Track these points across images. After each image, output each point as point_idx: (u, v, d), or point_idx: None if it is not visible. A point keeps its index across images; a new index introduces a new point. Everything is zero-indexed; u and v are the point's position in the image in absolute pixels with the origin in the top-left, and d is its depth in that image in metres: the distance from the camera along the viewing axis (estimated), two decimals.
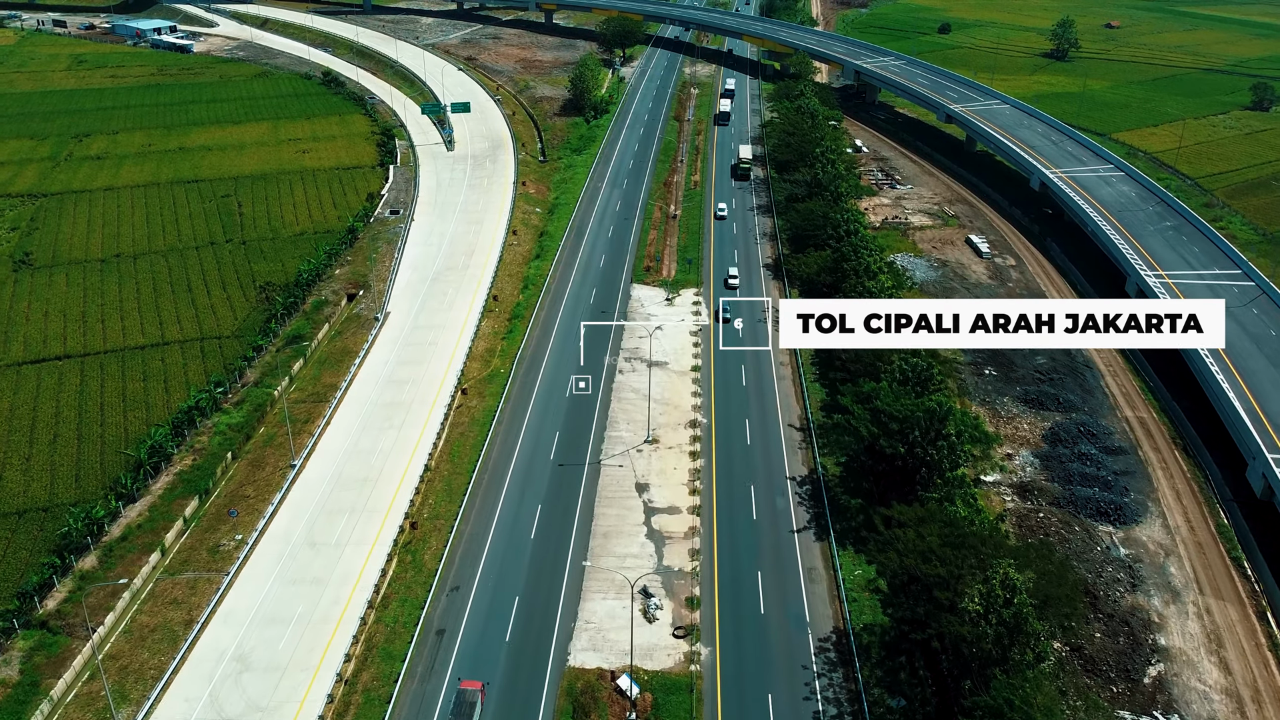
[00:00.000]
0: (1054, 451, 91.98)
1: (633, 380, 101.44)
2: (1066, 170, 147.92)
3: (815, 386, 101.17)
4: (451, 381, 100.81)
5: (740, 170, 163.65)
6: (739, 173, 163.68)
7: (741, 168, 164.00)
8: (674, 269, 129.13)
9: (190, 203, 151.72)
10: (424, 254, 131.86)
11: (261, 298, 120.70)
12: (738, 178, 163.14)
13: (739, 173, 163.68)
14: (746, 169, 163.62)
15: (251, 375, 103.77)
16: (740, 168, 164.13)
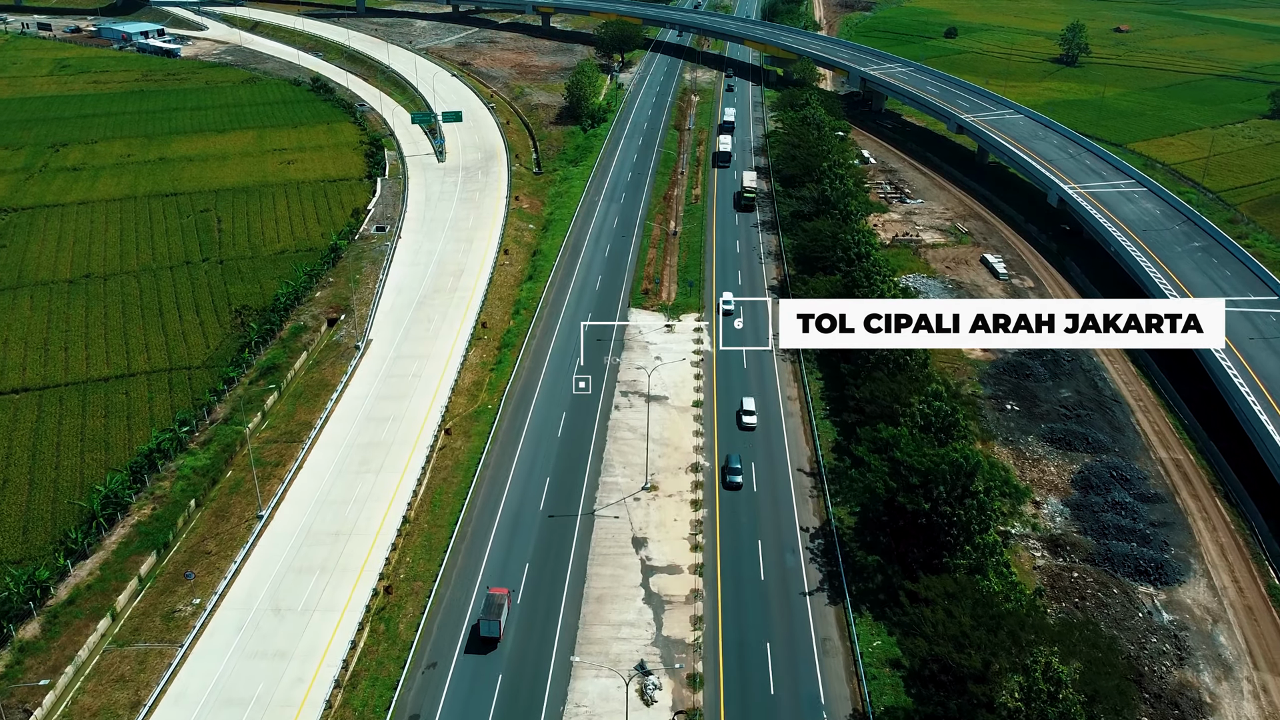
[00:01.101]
0: (1085, 499, 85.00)
1: (630, 417, 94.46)
2: (1086, 186, 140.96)
3: (826, 425, 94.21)
4: (435, 418, 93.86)
5: (744, 200, 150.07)
6: (742, 203, 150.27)
7: (745, 198, 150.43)
8: (674, 292, 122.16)
9: (167, 218, 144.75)
10: (410, 275, 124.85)
11: (237, 322, 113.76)
12: (741, 208, 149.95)
13: (742, 203, 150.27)
14: (750, 199, 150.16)
15: (221, 411, 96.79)
16: (744, 197, 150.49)
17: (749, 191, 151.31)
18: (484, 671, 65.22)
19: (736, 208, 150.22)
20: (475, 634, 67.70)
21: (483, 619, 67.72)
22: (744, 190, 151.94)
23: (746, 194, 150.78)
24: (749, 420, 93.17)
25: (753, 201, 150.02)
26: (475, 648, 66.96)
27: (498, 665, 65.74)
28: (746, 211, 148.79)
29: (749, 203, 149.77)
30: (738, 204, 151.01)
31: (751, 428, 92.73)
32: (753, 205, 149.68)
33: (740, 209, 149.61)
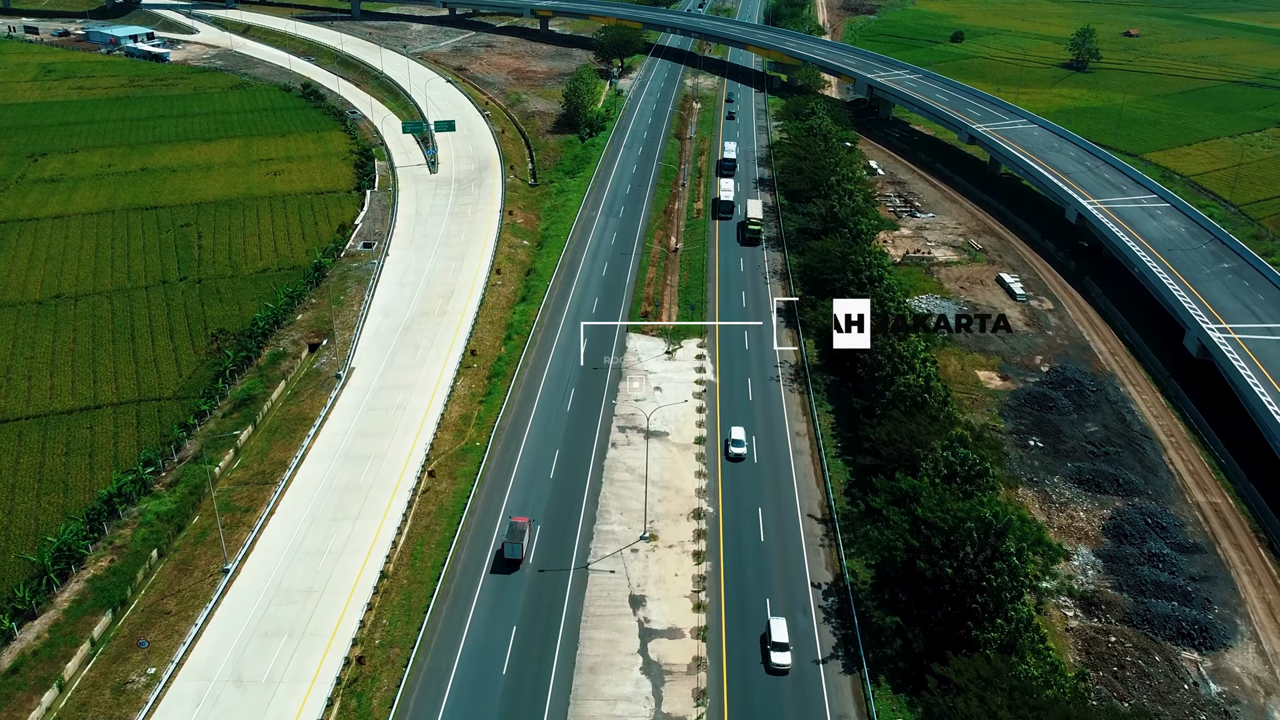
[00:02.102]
0: (1118, 550, 78.71)
1: (628, 456, 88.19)
2: (1106, 201, 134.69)
3: (838, 464, 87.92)
4: (419, 457, 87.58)
5: (749, 233, 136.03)
6: (747, 235, 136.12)
7: (750, 230, 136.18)
8: (675, 315, 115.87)
9: (146, 233, 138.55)
10: (397, 296, 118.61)
11: (212, 348, 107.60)
12: (746, 241, 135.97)
13: (747, 235, 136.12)
14: (756, 232, 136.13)
15: (191, 448, 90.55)
16: (749, 230, 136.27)
17: (754, 223, 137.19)
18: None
19: (740, 241, 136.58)
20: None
21: (506, 542, 74.36)
22: (749, 222, 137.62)
23: (752, 226, 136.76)
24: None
25: (759, 235, 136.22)
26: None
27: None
28: (751, 245, 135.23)
29: (754, 236, 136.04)
30: (741, 237, 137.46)
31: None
32: (759, 238, 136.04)
33: (745, 243, 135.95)
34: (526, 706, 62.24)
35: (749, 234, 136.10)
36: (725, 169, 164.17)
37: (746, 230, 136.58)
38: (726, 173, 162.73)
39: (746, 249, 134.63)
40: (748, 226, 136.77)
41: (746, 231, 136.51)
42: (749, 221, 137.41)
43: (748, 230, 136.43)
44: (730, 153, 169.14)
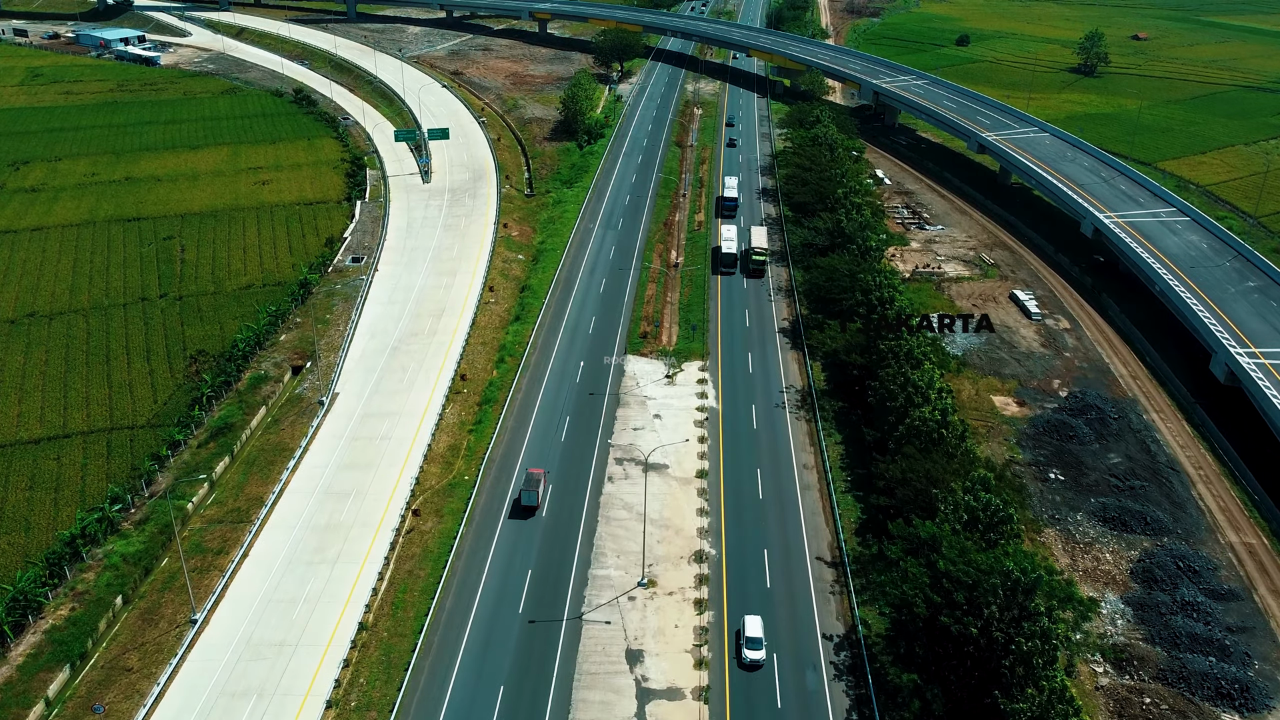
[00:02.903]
0: (1149, 597, 73.69)
1: (625, 492, 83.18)
2: (1123, 214, 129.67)
3: (848, 500, 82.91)
4: (404, 493, 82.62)
5: (754, 264, 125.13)
6: (752, 266, 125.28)
7: (755, 260, 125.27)
8: (675, 335, 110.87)
9: (127, 246, 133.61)
10: (385, 315, 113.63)
11: (191, 370, 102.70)
12: (750, 273, 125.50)
13: (752, 266, 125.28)
14: (761, 262, 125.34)
15: (163, 481, 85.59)
16: (754, 260, 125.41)
17: (759, 253, 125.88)
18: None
19: (745, 273, 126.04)
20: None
21: (523, 490, 79.30)
22: (753, 251, 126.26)
23: (756, 256, 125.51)
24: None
25: (764, 265, 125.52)
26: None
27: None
28: (756, 278, 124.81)
29: (759, 266, 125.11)
30: (745, 268, 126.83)
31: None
32: (764, 269, 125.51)
33: (750, 274, 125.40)
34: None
35: (754, 264, 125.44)
36: (727, 210, 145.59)
37: (751, 260, 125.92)
38: (728, 213, 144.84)
39: (753, 280, 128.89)
40: (752, 256, 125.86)
41: (751, 261, 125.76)
42: (753, 251, 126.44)
43: (752, 260, 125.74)
44: (732, 189, 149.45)
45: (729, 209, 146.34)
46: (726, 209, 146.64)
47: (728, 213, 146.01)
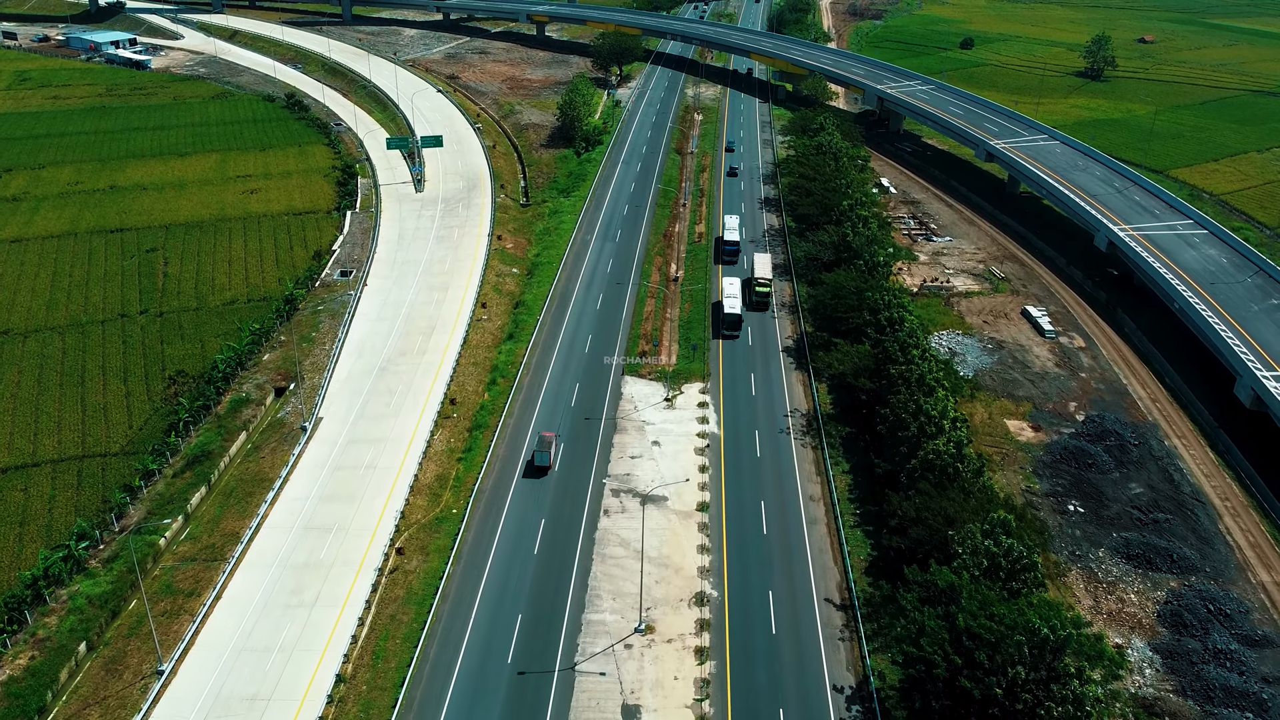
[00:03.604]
0: (1178, 644, 69.29)
1: (621, 526, 78.78)
2: (1139, 227, 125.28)
3: (857, 535, 78.53)
4: (388, 527, 78.25)
5: (757, 296, 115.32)
6: (754, 299, 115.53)
7: (759, 292, 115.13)
8: (675, 354, 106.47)
9: (108, 259, 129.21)
10: (373, 333, 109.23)
11: (169, 393, 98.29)
12: (754, 306, 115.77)
13: (754, 299, 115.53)
14: (765, 294, 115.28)
15: (135, 514, 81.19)
16: (757, 292, 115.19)
17: (763, 284, 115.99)
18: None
19: (748, 305, 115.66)
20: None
21: (536, 451, 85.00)
22: (756, 283, 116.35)
23: (760, 288, 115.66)
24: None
25: (768, 297, 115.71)
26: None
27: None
28: (760, 310, 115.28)
29: (763, 299, 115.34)
30: (749, 300, 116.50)
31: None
32: (768, 302, 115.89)
33: (753, 307, 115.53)
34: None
35: (757, 297, 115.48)
36: (728, 255, 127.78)
37: (754, 292, 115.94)
38: (729, 259, 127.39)
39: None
40: (756, 288, 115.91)
41: (754, 294, 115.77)
42: (757, 282, 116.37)
43: (755, 292, 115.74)
44: (733, 230, 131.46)
45: (730, 254, 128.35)
46: (728, 254, 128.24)
47: (729, 258, 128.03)
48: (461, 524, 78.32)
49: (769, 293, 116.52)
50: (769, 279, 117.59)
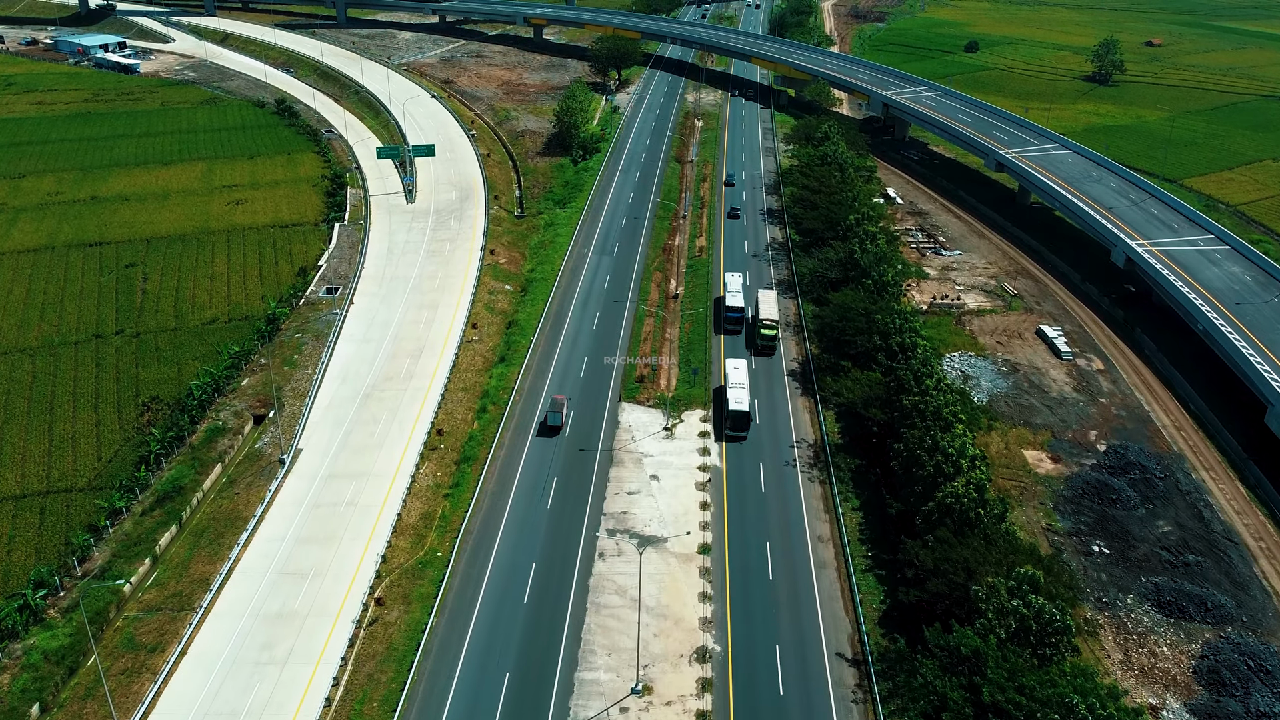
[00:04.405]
0: (1217, 705, 64.34)
1: (617, 571, 73.79)
2: (1157, 242, 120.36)
3: (869, 581, 73.55)
4: (369, 570, 73.26)
5: (762, 340, 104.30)
6: (760, 343, 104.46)
7: (764, 335, 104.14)
8: (675, 379, 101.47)
9: (85, 275, 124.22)
10: (358, 356, 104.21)
11: (142, 421, 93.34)
12: (759, 351, 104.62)
13: (760, 343, 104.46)
14: (770, 337, 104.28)
15: (99, 557, 76.21)
16: (762, 335, 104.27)
17: (769, 326, 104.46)
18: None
19: (753, 351, 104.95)
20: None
21: (549, 412, 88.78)
22: (762, 323, 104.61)
23: (766, 329, 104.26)
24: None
25: (774, 341, 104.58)
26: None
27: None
28: (765, 355, 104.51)
29: (769, 344, 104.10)
30: (752, 344, 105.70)
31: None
32: (774, 346, 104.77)
33: (759, 353, 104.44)
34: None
35: (762, 340, 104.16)
36: (731, 324, 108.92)
37: (759, 335, 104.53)
38: (731, 327, 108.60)
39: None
40: (760, 330, 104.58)
41: (759, 336, 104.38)
42: (762, 324, 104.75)
43: (760, 335, 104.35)
44: (736, 293, 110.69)
45: (734, 322, 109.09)
46: (731, 322, 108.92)
47: (732, 327, 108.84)
48: (447, 569, 73.31)
49: (776, 335, 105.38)
50: (775, 320, 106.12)
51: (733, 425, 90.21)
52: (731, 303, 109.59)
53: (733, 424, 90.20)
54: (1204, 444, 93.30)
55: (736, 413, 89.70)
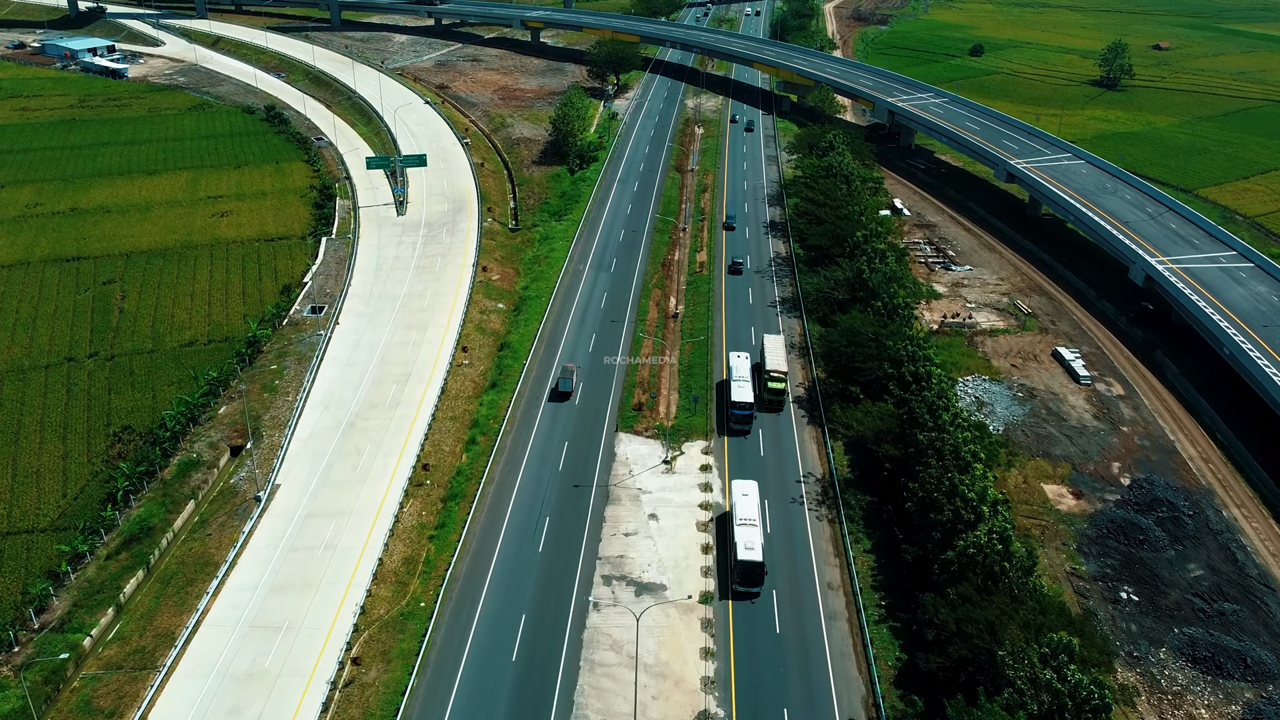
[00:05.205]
0: None
1: (613, 624, 68.76)
2: (1178, 259, 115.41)
3: (883, 634, 68.54)
4: (346, 622, 68.33)
5: (770, 395, 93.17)
6: (768, 399, 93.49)
7: (771, 389, 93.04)
8: (674, 406, 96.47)
9: (61, 293, 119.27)
10: (343, 381, 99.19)
11: (111, 454, 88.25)
12: (767, 406, 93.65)
13: (768, 399, 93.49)
14: (779, 392, 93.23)
15: (59, 607, 71.21)
16: (770, 389, 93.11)
17: (777, 379, 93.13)
18: None
19: (759, 405, 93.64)
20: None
21: (560, 379, 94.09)
22: (770, 376, 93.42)
23: (773, 383, 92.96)
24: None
25: (782, 396, 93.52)
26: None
27: None
28: (774, 411, 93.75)
29: (777, 399, 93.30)
30: (759, 399, 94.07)
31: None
32: (782, 401, 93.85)
33: (766, 408, 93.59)
34: None
35: (770, 395, 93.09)
36: (737, 421, 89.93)
37: (766, 390, 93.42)
38: (738, 426, 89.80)
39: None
40: (768, 384, 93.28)
41: (767, 392, 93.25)
42: (770, 376, 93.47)
43: (768, 390, 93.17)
44: (744, 382, 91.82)
45: (741, 420, 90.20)
46: (737, 421, 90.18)
47: (739, 426, 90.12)
48: (430, 621, 68.28)
49: (784, 389, 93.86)
50: (784, 372, 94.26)
51: (742, 579, 70.30)
52: (739, 396, 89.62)
53: (741, 578, 70.27)
54: (1234, 478, 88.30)
55: (747, 564, 69.98)
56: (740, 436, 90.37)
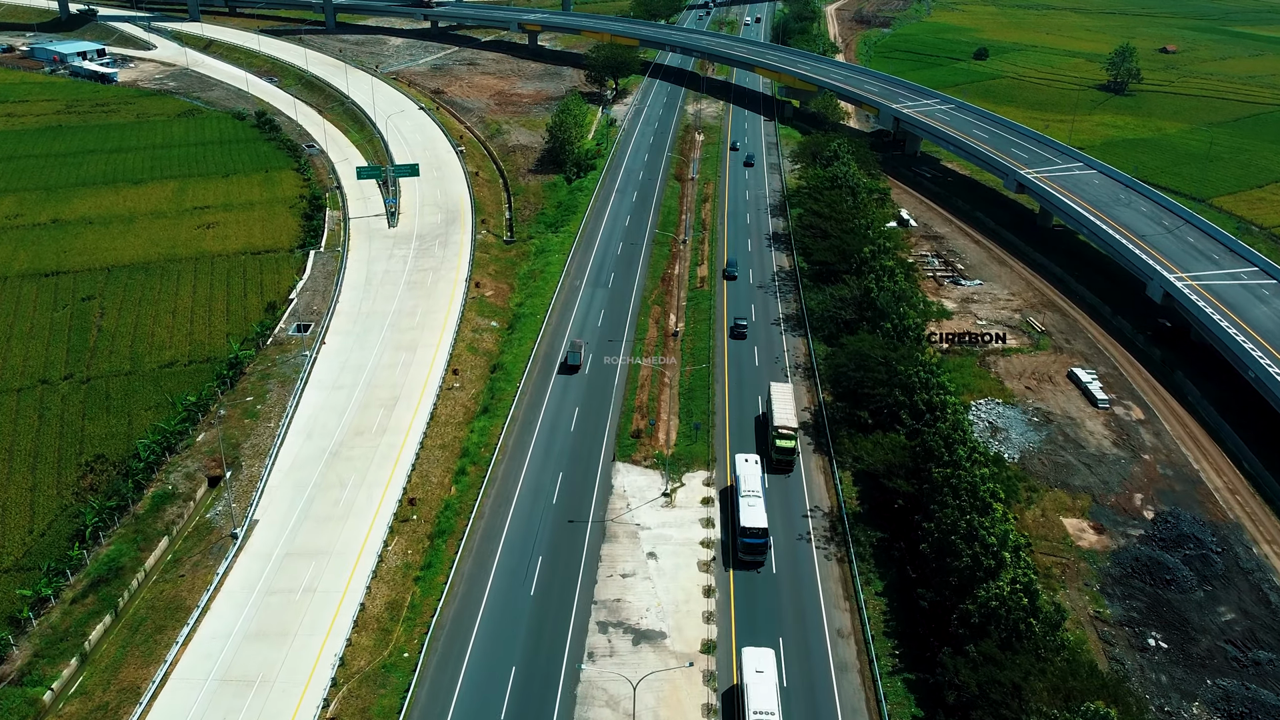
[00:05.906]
0: None
1: (609, 677, 64.39)
2: (1197, 276, 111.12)
3: (898, 688, 64.20)
4: (324, 675, 63.97)
5: (778, 454, 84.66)
6: (775, 458, 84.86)
7: (779, 446, 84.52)
8: (674, 433, 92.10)
9: (38, 310, 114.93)
10: (327, 406, 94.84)
11: (84, 484, 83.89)
12: (775, 467, 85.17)
13: (775, 458, 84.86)
14: (788, 451, 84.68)
15: (19, 656, 66.89)
16: (778, 445, 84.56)
17: (786, 437, 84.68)
18: None
19: (768, 466, 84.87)
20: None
21: (569, 353, 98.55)
22: (778, 432, 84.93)
23: (782, 442, 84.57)
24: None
25: (792, 455, 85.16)
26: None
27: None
28: (783, 473, 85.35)
29: (786, 459, 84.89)
30: (767, 458, 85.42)
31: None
32: (792, 461, 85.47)
33: (774, 469, 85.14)
34: None
35: (778, 453, 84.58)
36: (748, 551, 74.25)
37: (774, 448, 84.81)
38: (749, 557, 74.20)
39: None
40: (776, 441, 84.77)
41: (775, 450, 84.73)
42: (778, 433, 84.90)
43: (776, 448, 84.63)
44: (755, 499, 76.30)
45: (753, 550, 74.24)
46: (749, 550, 74.34)
47: (749, 558, 74.45)
48: (413, 675, 63.90)
49: (794, 448, 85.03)
50: (794, 428, 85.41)
51: (754, 712, 57.92)
52: (750, 521, 74.45)
53: (754, 709, 58.03)
54: (1263, 511, 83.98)
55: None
56: (751, 570, 74.15)
